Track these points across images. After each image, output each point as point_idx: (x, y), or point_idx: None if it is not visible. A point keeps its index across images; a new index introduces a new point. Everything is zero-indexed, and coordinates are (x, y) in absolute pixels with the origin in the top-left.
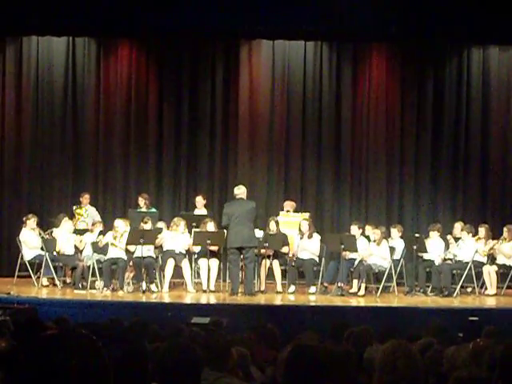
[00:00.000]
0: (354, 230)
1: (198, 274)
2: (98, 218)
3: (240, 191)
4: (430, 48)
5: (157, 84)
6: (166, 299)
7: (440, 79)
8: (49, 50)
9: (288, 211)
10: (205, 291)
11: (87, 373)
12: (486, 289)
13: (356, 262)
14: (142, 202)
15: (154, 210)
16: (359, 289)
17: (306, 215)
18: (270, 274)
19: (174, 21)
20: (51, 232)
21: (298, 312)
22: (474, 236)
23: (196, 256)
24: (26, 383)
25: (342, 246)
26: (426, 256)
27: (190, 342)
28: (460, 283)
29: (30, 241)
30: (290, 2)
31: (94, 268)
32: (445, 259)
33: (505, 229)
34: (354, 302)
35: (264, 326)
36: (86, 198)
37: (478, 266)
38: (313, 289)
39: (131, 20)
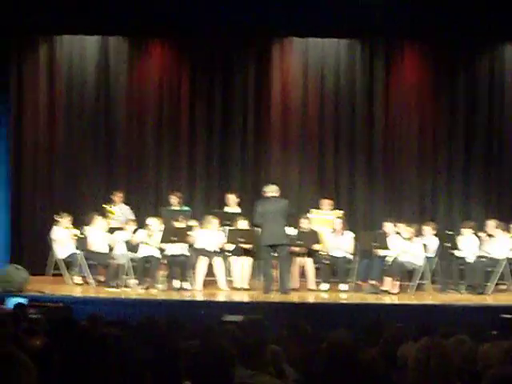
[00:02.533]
0: (388, 227)
1: (231, 272)
2: (131, 216)
3: (271, 189)
4: (462, 44)
5: (189, 83)
6: (199, 297)
7: (472, 76)
8: (81, 50)
9: (331, 209)
10: (238, 289)
11: (120, 371)
12: None
13: (389, 260)
14: (174, 200)
15: (186, 208)
16: (392, 286)
17: (340, 213)
18: (303, 271)
19: (206, 20)
20: (84, 230)
21: (330, 310)
22: (507, 233)
23: (229, 254)
24: (61, 381)
25: (375, 244)
26: (459, 253)
27: (223, 340)
28: (494, 281)
29: (62, 239)
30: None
31: (127, 266)
32: (478, 256)
33: None
34: (387, 299)
35: (297, 323)
36: (118, 197)
37: None
38: (344, 286)
39: (163, 19)
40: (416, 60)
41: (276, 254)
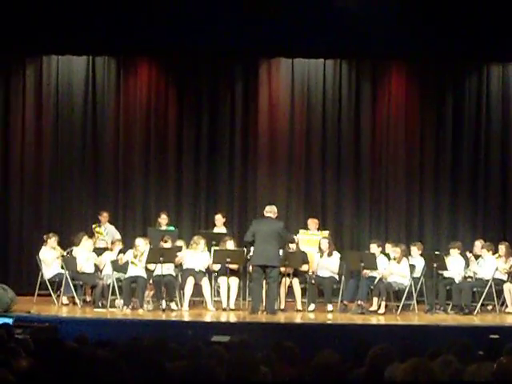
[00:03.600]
0: (374, 248)
1: (218, 292)
2: (117, 236)
3: (271, 209)
4: (449, 65)
5: (176, 102)
6: (186, 317)
7: (459, 96)
8: (69, 69)
9: (317, 229)
10: (225, 309)
11: None
12: (506, 306)
13: (376, 280)
14: (163, 220)
15: (172, 228)
16: (379, 307)
17: (326, 233)
18: (290, 292)
19: (194, 40)
20: (71, 251)
21: (318, 330)
22: (494, 254)
23: (216, 274)
24: None
25: (362, 264)
26: (446, 274)
27: (211, 361)
28: (481, 301)
29: (49, 259)
30: (308, 20)
31: (113, 286)
32: (465, 277)
33: None
34: (374, 320)
35: (284, 344)
36: (104, 217)
37: (499, 283)
38: (330, 307)
39: (151, 39)
40: (403, 80)
41: (266, 275)
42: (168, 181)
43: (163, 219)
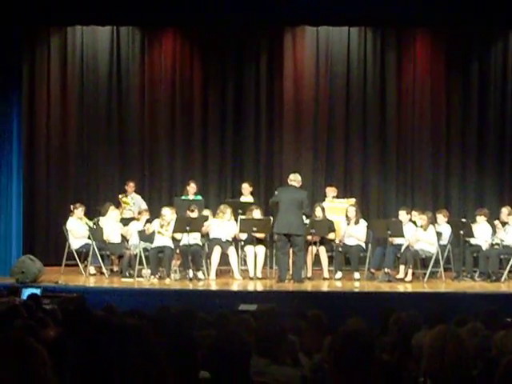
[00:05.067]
0: (403, 215)
1: (245, 261)
2: (144, 206)
3: (295, 178)
4: (475, 32)
5: (201, 72)
6: (213, 287)
7: (485, 63)
8: (93, 40)
9: (333, 197)
10: (251, 278)
11: (137, 360)
12: None
13: (403, 248)
14: (191, 189)
15: (199, 197)
16: (406, 274)
17: (353, 201)
18: (317, 260)
19: (219, 9)
20: (98, 221)
21: (344, 298)
22: None
23: (242, 243)
24: (76, 371)
25: (389, 232)
26: (473, 241)
27: (239, 329)
28: (508, 268)
29: (76, 230)
30: None
31: (140, 256)
32: (492, 244)
33: None
34: (401, 287)
35: (311, 312)
36: (130, 187)
37: None
38: (357, 275)
39: (175, 9)
40: (428, 48)
41: (291, 244)
42: (194, 151)
43: (192, 188)
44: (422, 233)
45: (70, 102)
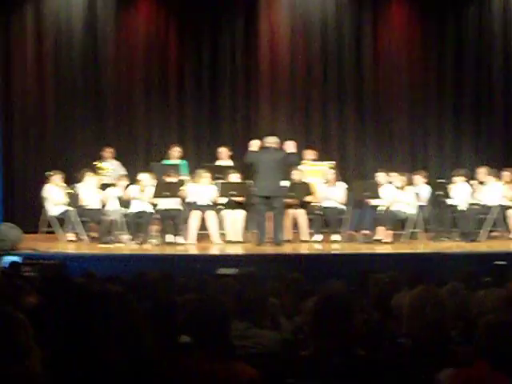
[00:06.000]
0: (381, 176)
1: (224, 225)
2: (122, 171)
3: (273, 140)
4: None
5: (177, 39)
6: (193, 251)
7: (461, 21)
8: (68, 7)
9: (313, 160)
10: (231, 242)
11: (118, 326)
12: (510, 233)
13: (382, 209)
14: (175, 153)
15: (184, 161)
16: (385, 236)
17: (332, 163)
18: (295, 223)
19: None
20: (74, 187)
21: (324, 260)
22: (499, 180)
23: (222, 207)
24: (57, 337)
25: (367, 194)
26: (450, 201)
27: (219, 293)
28: (487, 228)
29: (54, 197)
30: None
31: (120, 222)
32: (470, 204)
33: None
34: (379, 249)
35: (291, 275)
36: (108, 152)
37: (504, 210)
38: (337, 237)
39: None
40: (404, 9)
41: (270, 206)
42: (170, 115)
43: (175, 151)
44: (401, 194)
45: (46, 69)
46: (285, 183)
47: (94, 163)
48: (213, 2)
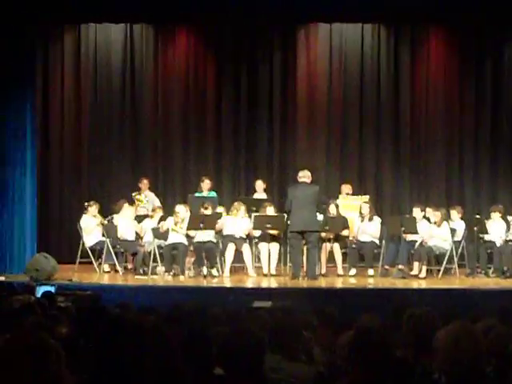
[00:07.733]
0: (417, 212)
1: (259, 258)
2: (157, 203)
3: (304, 174)
4: (488, 30)
5: (215, 70)
6: (227, 283)
7: (498, 60)
8: (106, 38)
9: (347, 194)
10: (265, 275)
11: (153, 357)
12: None
13: (417, 244)
14: (206, 185)
15: (214, 193)
16: (420, 271)
17: (366, 198)
18: (331, 257)
19: (232, 6)
20: (112, 218)
21: (358, 295)
22: None
23: (256, 240)
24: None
25: (403, 229)
26: (487, 237)
27: (253, 326)
28: None
29: (90, 227)
30: None
31: (154, 253)
32: (506, 240)
33: None
34: (415, 284)
35: (326, 309)
36: (144, 184)
37: None
38: (371, 271)
39: (189, 6)
40: (441, 45)
41: (304, 241)
42: (207, 148)
43: (206, 184)
44: (436, 229)
45: (84, 100)
46: (319, 217)
47: (133, 194)
48: (251, 36)
